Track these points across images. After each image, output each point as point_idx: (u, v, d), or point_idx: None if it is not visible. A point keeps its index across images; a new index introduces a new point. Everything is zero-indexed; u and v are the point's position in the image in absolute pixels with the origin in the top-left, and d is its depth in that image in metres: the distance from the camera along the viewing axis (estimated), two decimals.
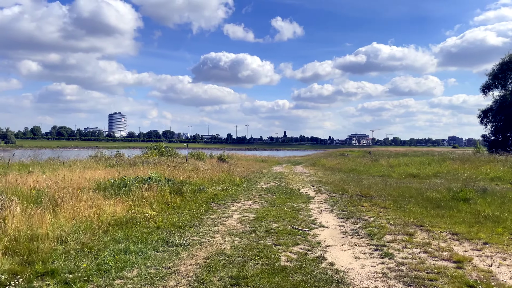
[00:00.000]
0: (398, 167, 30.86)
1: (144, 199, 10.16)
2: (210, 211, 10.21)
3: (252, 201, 12.54)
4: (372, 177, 25.35)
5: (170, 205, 10.10)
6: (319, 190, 16.71)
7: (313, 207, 11.83)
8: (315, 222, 9.34)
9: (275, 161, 47.50)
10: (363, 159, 41.52)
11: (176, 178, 13.42)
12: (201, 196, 11.96)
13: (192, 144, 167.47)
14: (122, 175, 13.71)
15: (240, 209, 10.83)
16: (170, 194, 11.10)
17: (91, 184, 11.39)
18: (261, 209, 10.81)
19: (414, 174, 25.89)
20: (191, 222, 8.76)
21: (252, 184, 17.86)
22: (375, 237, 7.92)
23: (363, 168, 31.24)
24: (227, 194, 13.41)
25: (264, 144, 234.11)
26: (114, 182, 11.33)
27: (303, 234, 7.92)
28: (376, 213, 10.96)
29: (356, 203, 12.77)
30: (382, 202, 12.73)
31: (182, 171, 14.76)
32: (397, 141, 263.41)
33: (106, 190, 10.45)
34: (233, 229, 8.24)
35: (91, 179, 12.59)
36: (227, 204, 11.62)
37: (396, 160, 35.97)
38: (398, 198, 13.66)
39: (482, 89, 54.08)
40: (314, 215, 10.40)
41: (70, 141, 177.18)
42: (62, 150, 55.11)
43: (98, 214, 7.64)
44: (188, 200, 11.11)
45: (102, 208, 8.36)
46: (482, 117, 55.86)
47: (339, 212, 10.90)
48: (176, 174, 14.50)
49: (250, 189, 15.83)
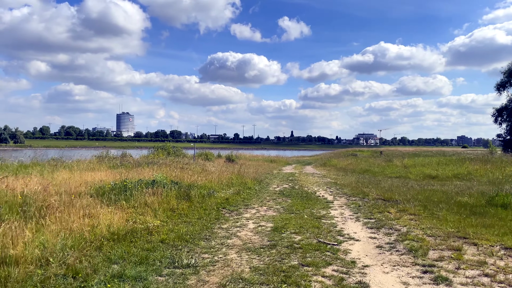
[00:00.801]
0: (414, 168, 29.51)
1: (147, 205, 9.01)
2: (222, 219, 9.03)
3: (267, 206, 11.34)
4: (389, 178, 24.06)
5: (176, 213, 8.94)
6: (337, 194, 15.48)
7: (335, 214, 10.61)
8: (343, 233, 8.12)
9: (284, 161, 46.24)
10: (376, 159, 40.12)
11: (183, 181, 12.27)
12: (210, 201, 10.79)
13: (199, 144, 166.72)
14: (125, 177, 12.61)
15: (254, 217, 9.63)
16: (176, 200, 9.95)
17: (90, 188, 10.29)
18: (278, 217, 9.61)
19: (433, 175, 24.56)
20: (201, 233, 7.58)
21: (264, 187, 16.66)
22: (417, 253, 6.69)
23: (377, 169, 29.87)
24: (239, 198, 12.23)
25: (271, 144, 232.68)
26: (115, 185, 10.20)
27: (333, 250, 6.70)
28: (407, 221, 9.72)
29: (382, 209, 11.53)
30: (410, 208, 11.49)
31: (190, 173, 13.61)
32: (405, 141, 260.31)
33: (105, 195, 9.33)
34: (249, 243, 7.04)
35: (90, 182, 11.51)
36: (239, 210, 10.43)
37: (410, 161, 34.56)
38: (427, 203, 12.40)
39: (496, 87, 52.52)
40: (339, 224, 9.18)
41: (78, 140, 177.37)
42: (70, 150, 54.46)
43: (91, 225, 6.50)
44: (196, 206, 9.94)
45: (98, 218, 7.23)
46: (496, 116, 54.20)
47: (366, 221, 9.67)
48: (183, 176, 13.35)
49: (262, 192, 14.64)
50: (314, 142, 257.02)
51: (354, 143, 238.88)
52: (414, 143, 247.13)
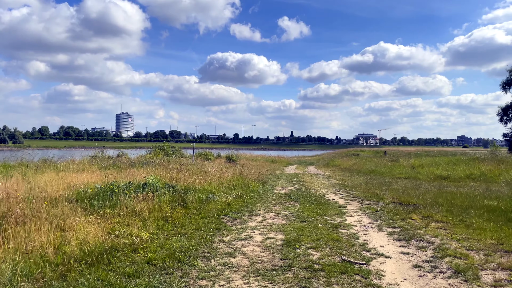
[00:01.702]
0: (422, 168, 28.25)
1: (135, 213, 7.68)
2: (223, 230, 7.68)
3: (274, 212, 9.99)
4: (398, 179, 22.79)
5: (169, 222, 7.60)
6: (348, 197, 14.17)
7: (353, 221, 9.28)
8: (368, 247, 6.79)
9: (286, 162, 44.91)
10: (381, 159, 38.81)
11: (179, 184, 10.92)
12: (210, 207, 9.44)
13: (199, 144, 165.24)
14: (115, 179, 11.27)
15: (261, 226, 8.29)
16: (170, 206, 8.60)
17: (72, 192, 8.97)
18: (289, 226, 8.27)
19: (444, 176, 23.29)
20: (198, 249, 6.24)
21: (268, 189, 15.33)
22: (467, 275, 5.38)
23: (384, 169, 28.53)
24: (242, 203, 10.87)
25: (271, 144, 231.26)
26: (100, 189, 8.87)
27: (363, 272, 5.36)
28: (436, 230, 8.41)
29: (403, 215, 10.22)
30: (435, 214, 10.19)
31: (187, 175, 12.24)
32: (405, 140, 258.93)
33: (87, 201, 8.00)
34: (258, 262, 5.71)
35: (75, 185, 10.18)
36: (243, 217, 9.07)
37: (417, 161, 33.28)
38: (451, 208, 11.09)
39: (502, 85, 51.29)
40: (360, 234, 7.85)
41: (78, 141, 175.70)
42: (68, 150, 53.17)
43: (60, 242, 5.16)
44: (193, 213, 8.59)
45: (73, 230, 5.90)
46: (501, 115, 52.96)
47: (390, 230, 8.34)
48: (180, 178, 11.99)
49: (267, 196, 13.31)
50: (314, 142, 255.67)
51: (354, 143, 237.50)
52: (414, 143, 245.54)
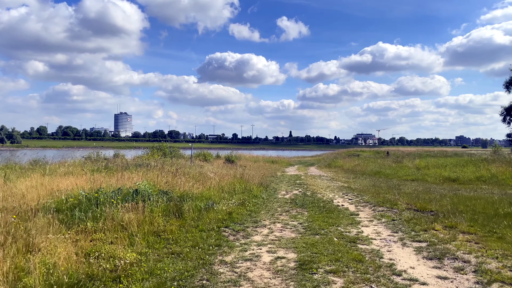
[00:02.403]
0: (428, 169, 27.23)
1: (123, 226, 6.58)
2: (224, 246, 6.58)
3: (281, 223, 8.89)
4: (405, 181, 21.80)
5: (162, 237, 6.51)
6: (358, 202, 13.10)
7: (371, 234, 8.21)
8: (397, 270, 5.70)
9: (286, 162, 43.83)
10: (384, 160, 37.77)
11: (175, 189, 9.81)
12: (209, 217, 8.34)
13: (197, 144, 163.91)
14: (104, 184, 10.16)
15: (268, 240, 7.20)
16: (164, 217, 7.51)
17: (52, 201, 7.87)
18: (300, 241, 7.17)
19: (453, 178, 22.29)
20: (195, 275, 5.15)
21: (271, 194, 14.23)
22: None
23: (389, 171, 27.48)
24: (245, 211, 9.75)
25: (269, 144, 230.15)
26: (84, 197, 7.76)
27: None
28: (467, 244, 7.35)
29: (424, 224, 9.17)
30: (460, 224, 9.14)
31: (184, 179, 11.11)
32: (403, 141, 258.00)
33: (68, 212, 6.91)
34: None
35: (59, 191, 9.10)
36: (247, 230, 7.96)
37: (422, 162, 32.22)
38: (475, 216, 10.03)
39: (505, 85, 50.70)
40: (383, 251, 6.76)
41: (76, 141, 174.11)
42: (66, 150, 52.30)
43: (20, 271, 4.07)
44: (190, 226, 7.49)
45: (42, 252, 4.81)
46: (505, 115, 52.29)
47: (416, 245, 7.26)
48: (176, 183, 10.88)
49: (271, 202, 12.21)
50: (313, 142, 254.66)
51: (353, 143, 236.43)
52: (412, 143, 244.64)
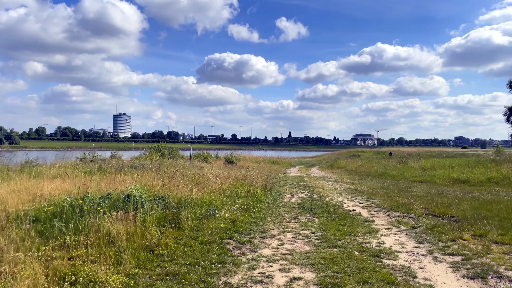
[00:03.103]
0: (434, 170, 26.33)
1: (110, 241, 5.62)
2: (229, 264, 5.62)
3: (291, 232, 7.92)
4: (413, 183, 20.92)
5: (156, 253, 5.55)
6: (370, 206, 12.17)
7: (393, 245, 7.26)
8: None
9: (287, 163, 42.89)
10: (388, 160, 36.88)
11: (171, 194, 8.84)
12: (210, 226, 7.38)
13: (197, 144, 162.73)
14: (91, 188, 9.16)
15: (279, 255, 6.23)
16: (158, 227, 6.55)
17: (33, 208, 6.91)
18: (317, 255, 6.21)
19: (462, 180, 21.37)
20: None
21: (276, 197, 13.27)
22: None
23: (395, 172, 26.54)
24: (250, 218, 8.78)
25: (269, 144, 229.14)
26: (68, 204, 6.78)
27: None
28: (505, 258, 6.51)
29: (449, 233, 8.24)
30: (489, 232, 8.25)
31: (182, 183, 10.08)
32: (402, 141, 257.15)
33: (48, 222, 5.94)
34: None
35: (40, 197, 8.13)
36: (254, 241, 7.00)
37: (427, 162, 31.33)
38: (503, 223, 9.14)
39: (509, 84, 50.00)
40: (415, 268, 5.82)
41: (75, 141, 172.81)
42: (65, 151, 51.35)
43: None
44: (189, 237, 6.53)
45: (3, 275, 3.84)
46: (508, 115, 51.59)
47: (450, 260, 6.33)
48: (173, 186, 9.89)
49: (277, 206, 11.24)
50: (312, 142, 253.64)
51: (352, 144, 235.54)
52: (411, 144, 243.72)
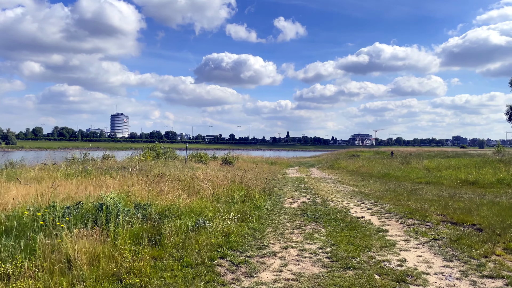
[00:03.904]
0: (439, 171, 25.18)
1: (68, 266, 4.40)
2: None
3: (295, 248, 6.69)
4: (419, 184, 19.79)
5: (125, 282, 4.32)
6: (379, 212, 10.99)
7: (418, 264, 6.07)
8: None
9: (286, 163, 41.69)
10: (391, 161, 35.75)
11: (155, 202, 7.61)
12: (199, 241, 6.15)
13: (194, 144, 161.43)
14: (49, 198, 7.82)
15: (282, 282, 5.00)
16: (135, 245, 5.33)
17: None
18: (329, 282, 5.00)
19: (471, 181, 20.21)
20: None
21: (276, 202, 12.04)
22: None
23: (399, 173, 25.34)
24: (246, 230, 7.54)
25: (267, 144, 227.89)
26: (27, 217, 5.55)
27: None
28: None
29: (477, 246, 7.10)
30: None
31: (167, 188, 8.71)
32: (400, 141, 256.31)
33: None
34: None
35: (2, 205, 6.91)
36: (250, 262, 5.77)
37: (431, 162, 30.20)
38: None
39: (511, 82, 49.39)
40: None
41: (72, 141, 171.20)
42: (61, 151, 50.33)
43: None
44: (171, 258, 5.31)
45: None
46: (510, 114, 50.94)
47: (493, 286, 5.13)
48: (158, 191, 8.62)
49: (277, 213, 10.01)
50: (310, 142, 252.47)
51: (350, 144, 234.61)
52: (409, 144, 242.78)
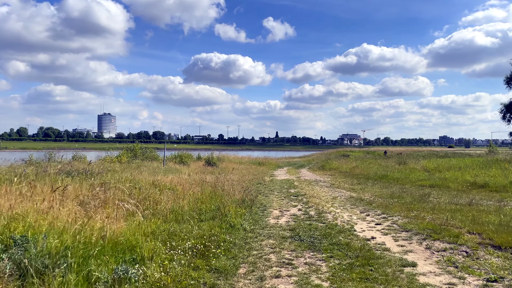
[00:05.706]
0: (440, 172, 22.81)
1: None
2: None
3: None
4: (423, 187, 17.49)
5: None
6: (392, 229, 8.38)
7: None
8: None
9: (274, 164, 38.93)
10: (386, 161, 33.35)
11: (55, 230, 4.74)
12: None
13: (183, 144, 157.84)
14: None
15: None
16: None
17: None
18: None
19: (480, 184, 17.84)
20: None
21: (259, 217, 9.29)
22: None
23: (398, 174, 22.78)
24: (204, 275, 4.72)
25: (256, 144, 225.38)
26: None
27: None
28: None
29: None
30: None
31: (92, 205, 5.79)
32: (388, 141, 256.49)
33: None
34: None
35: None
36: None
37: (430, 163, 27.87)
38: None
39: (506, 80, 47.67)
40: None
41: (57, 142, 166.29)
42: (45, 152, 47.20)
43: None
44: None
45: None
46: (504, 112, 49.27)
47: None
48: (65, 213, 5.67)
49: (258, 238, 7.24)
50: (299, 142, 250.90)
51: (339, 144, 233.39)
52: (397, 143, 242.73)
